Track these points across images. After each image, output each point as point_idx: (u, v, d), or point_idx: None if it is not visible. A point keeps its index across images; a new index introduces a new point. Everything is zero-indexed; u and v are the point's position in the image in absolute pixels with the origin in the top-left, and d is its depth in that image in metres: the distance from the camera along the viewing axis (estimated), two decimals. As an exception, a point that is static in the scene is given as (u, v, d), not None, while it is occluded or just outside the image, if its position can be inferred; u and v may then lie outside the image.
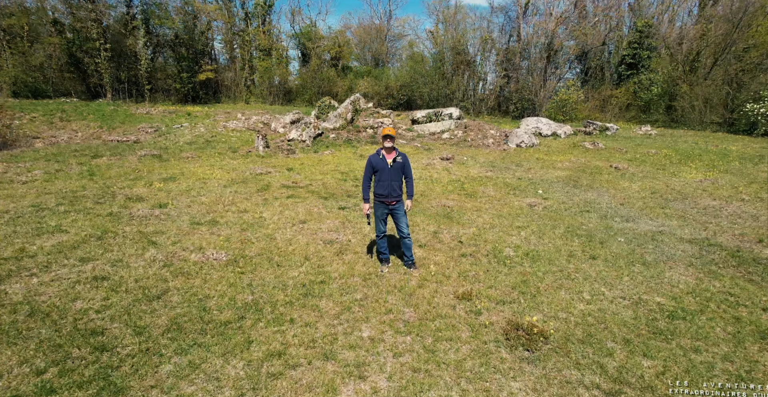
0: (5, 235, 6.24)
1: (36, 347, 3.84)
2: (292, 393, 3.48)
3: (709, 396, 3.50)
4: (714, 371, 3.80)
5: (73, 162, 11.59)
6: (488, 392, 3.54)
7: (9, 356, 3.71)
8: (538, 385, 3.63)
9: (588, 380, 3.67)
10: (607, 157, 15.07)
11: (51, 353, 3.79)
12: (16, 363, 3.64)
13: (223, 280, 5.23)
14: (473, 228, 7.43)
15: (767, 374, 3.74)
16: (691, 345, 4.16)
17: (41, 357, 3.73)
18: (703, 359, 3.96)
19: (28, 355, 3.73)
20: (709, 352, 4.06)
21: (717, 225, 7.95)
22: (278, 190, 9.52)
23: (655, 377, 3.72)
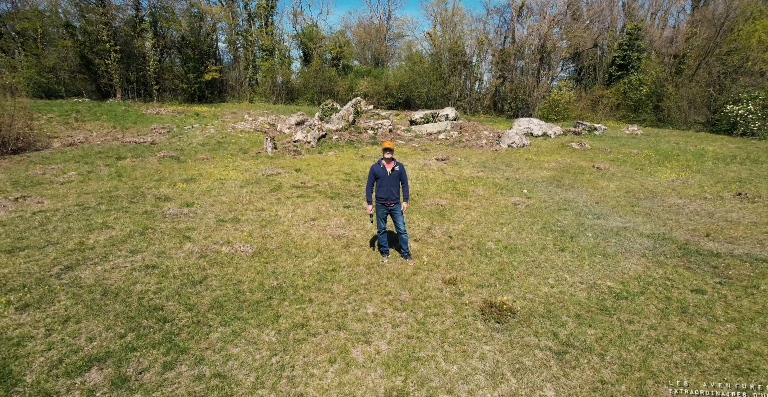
0: (64, 230, 7.28)
1: (114, 318, 4.89)
2: (314, 353, 4.53)
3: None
4: (640, 336, 4.85)
5: (100, 163, 12.59)
6: (465, 352, 4.59)
7: (96, 324, 4.76)
8: (503, 348, 4.68)
9: (543, 344, 4.73)
10: (591, 158, 16.09)
11: (127, 322, 4.84)
12: (103, 329, 4.69)
13: (251, 268, 6.27)
14: (462, 225, 8.47)
15: (680, 338, 4.80)
16: (627, 318, 5.22)
17: (120, 325, 4.78)
18: (634, 328, 5.01)
19: (110, 323, 4.78)
20: (640, 323, 5.11)
21: (676, 221, 8.99)
22: (289, 190, 10.54)
23: (595, 341, 4.77)
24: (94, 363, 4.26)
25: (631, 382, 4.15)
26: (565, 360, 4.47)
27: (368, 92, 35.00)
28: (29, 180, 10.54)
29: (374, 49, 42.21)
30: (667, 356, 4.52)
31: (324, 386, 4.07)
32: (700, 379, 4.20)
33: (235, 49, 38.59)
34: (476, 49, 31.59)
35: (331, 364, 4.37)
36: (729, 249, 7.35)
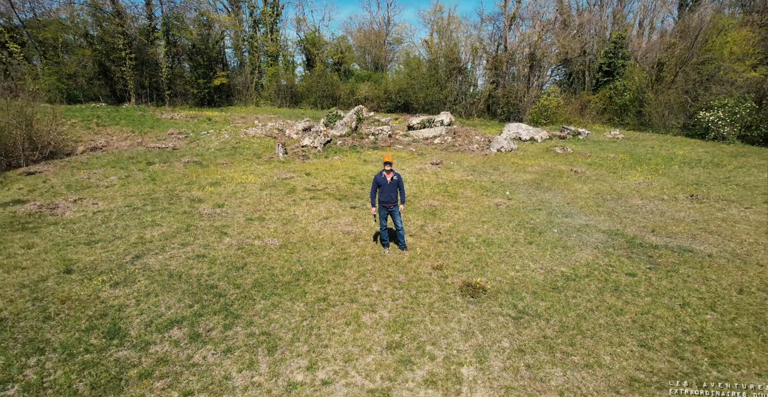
0: (123, 227, 8.78)
1: (182, 294, 6.41)
2: (334, 319, 6.05)
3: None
4: (579, 307, 6.37)
5: (133, 168, 14.08)
6: (446, 318, 6.11)
7: (169, 297, 6.28)
8: (475, 314, 6.20)
9: (504, 312, 6.25)
10: (571, 162, 17.60)
11: (191, 297, 6.36)
12: (175, 301, 6.21)
13: (280, 257, 7.79)
14: (450, 222, 9.99)
15: (607, 308, 6.32)
16: (572, 294, 6.74)
17: (187, 299, 6.30)
18: (575, 301, 6.54)
19: (179, 297, 6.31)
20: (581, 297, 6.64)
21: (631, 220, 10.51)
22: (302, 193, 12.04)
23: (544, 310, 6.30)
24: (174, 324, 5.78)
25: (566, 337, 5.68)
26: (519, 323, 6.01)
27: (368, 96, 36.44)
28: (79, 184, 12.02)
29: (374, 54, 43.60)
30: (595, 320, 6.06)
31: (342, 341, 5.59)
32: (618, 337, 5.73)
33: (242, 55, 39.95)
34: (471, 56, 33.01)
35: (347, 325, 5.90)
36: (666, 242, 8.88)
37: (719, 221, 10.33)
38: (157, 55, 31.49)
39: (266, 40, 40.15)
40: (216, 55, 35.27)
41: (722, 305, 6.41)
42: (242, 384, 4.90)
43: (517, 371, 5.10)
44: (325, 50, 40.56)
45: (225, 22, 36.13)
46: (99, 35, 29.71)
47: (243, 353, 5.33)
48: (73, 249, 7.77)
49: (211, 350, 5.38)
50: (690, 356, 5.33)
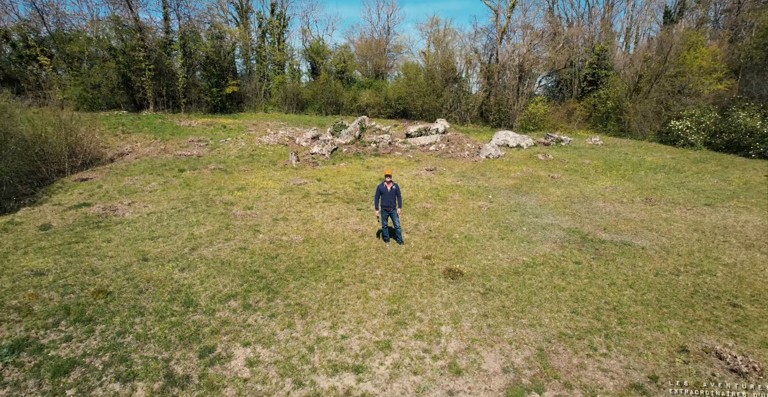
0: (176, 226, 10.73)
1: (233, 276, 8.37)
2: (348, 294, 8.01)
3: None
4: (532, 286, 8.34)
5: (168, 175, 16.03)
6: (432, 293, 8.07)
7: (223, 279, 8.25)
8: (453, 291, 8.16)
9: (475, 289, 8.22)
10: (550, 168, 19.54)
11: (240, 278, 8.32)
12: (228, 281, 8.18)
13: (304, 249, 9.75)
14: (439, 222, 11.95)
15: (553, 287, 8.29)
16: (528, 277, 8.70)
17: (237, 280, 8.26)
18: (530, 282, 8.50)
19: (231, 278, 8.27)
20: (535, 279, 8.60)
21: (590, 220, 12.47)
22: (316, 197, 14.00)
23: (505, 288, 8.25)
24: (231, 297, 7.75)
25: (519, 306, 7.65)
26: (486, 297, 7.98)
27: (370, 103, 38.36)
28: (127, 189, 13.98)
29: (375, 62, 45.47)
30: (542, 295, 8.03)
31: (355, 309, 7.56)
32: (557, 306, 7.68)
33: (250, 64, 41.85)
34: (465, 66, 34.91)
35: (358, 299, 7.87)
36: (612, 238, 10.85)
37: (661, 220, 12.29)
38: (174, 66, 33.39)
39: (273, 50, 42.06)
40: (227, 65, 37.16)
41: (639, 284, 8.39)
42: (284, 338, 6.87)
43: (480, 328, 7.07)
44: (329, 59, 42.46)
45: (235, 34, 38.02)
46: (121, 48, 31.61)
47: (283, 317, 7.30)
48: (142, 243, 9.73)
49: (259, 315, 7.35)
50: (605, 318, 7.30)
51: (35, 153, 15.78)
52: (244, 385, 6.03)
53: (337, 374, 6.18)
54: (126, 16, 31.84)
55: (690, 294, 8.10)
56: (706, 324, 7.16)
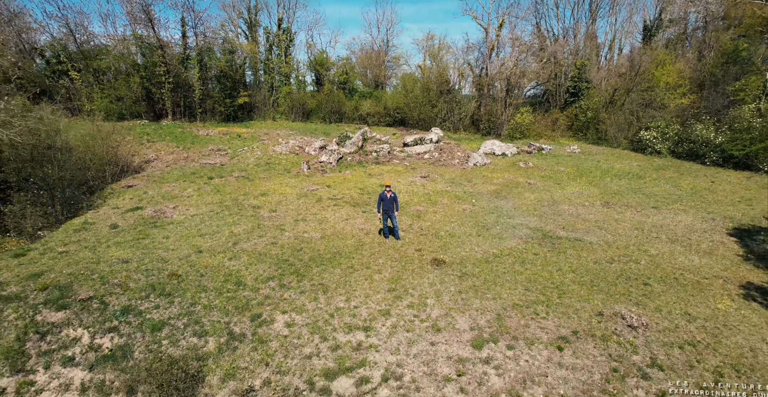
0: (217, 226, 13.10)
1: (269, 264, 10.73)
2: (358, 277, 10.38)
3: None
4: (498, 272, 10.71)
5: (200, 182, 18.37)
6: (421, 276, 10.44)
7: (262, 266, 10.61)
8: (437, 275, 10.53)
9: (454, 273, 10.59)
10: (528, 175, 21.92)
11: (275, 266, 10.69)
12: (266, 268, 10.54)
13: (322, 244, 12.12)
14: (429, 222, 14.32)
15: (514, 272, 10.66)
16: (496, 265, 11.07)
17: (273, 267, 10.63)
18: (497, 268, 10.87)
19: (268, 266, 10.64)
20: (500, 266, 10.96)
21: (553, 220, 14.84)
22: (327, 201, 16.35)
23: (478, 273, 10.63)
24: (270, 279, 10.11)
25: (486, 286, 10.02)
26: (462, 279, 10.35)
27: (370, 112, 40.72)
28: (169, 195, 16.33)
29: (374, 73, 47.81)
30: (504, 277, 10.41)
31: (363, 287, 9.93)
32: (514, 285, 10.05)
33: (259, 75, 44.17)
34: (458, 79, 37.28)
35: (365, 280, 10.23)
36: (568, 235, 13.23)
37: (612, 220, 14.69)
38: (191, 79, 35.72)
39: (280, 62, 44.37)
40: (239, 78, 39.49)
41: (579, 270, 10.78)
42: (311, 308, 9.24)
43: (456, 300, 9.45)
44: (332, 71, 44.80)
45: (246, 49, 40.36)
46: (143, 64, 33.94)
47: (310, 294, 9.67)
48: (193, 239, 12.10)
49: (292, 292, 9.72)
50: (549, 293, 9.69)
51: (83, 162, 18.10)
52: (285, 340, 8.41)
53: (351, 332, 8.55)
54: (148, 34, 34.20)
55: (616, 277, 10.49)
56: (621, 297, 9.55)
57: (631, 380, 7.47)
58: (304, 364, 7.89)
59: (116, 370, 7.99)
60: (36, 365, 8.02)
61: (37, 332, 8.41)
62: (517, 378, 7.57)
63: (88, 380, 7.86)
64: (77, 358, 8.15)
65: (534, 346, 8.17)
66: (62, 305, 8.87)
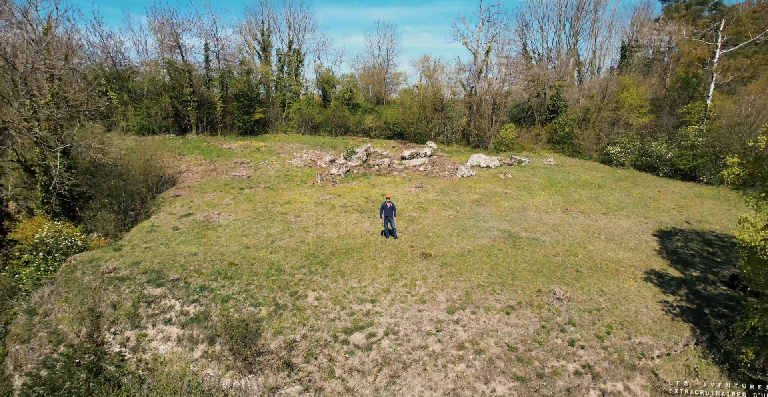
0: (255, 228, 16.43)
1: (300, 256, 14.07)
2: (366, 265, 13.71)
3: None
4: (470, 261, 14.03)
5: (234, 192, 21.70)
6: (412, 265, 13.77)
7: (295, 258, 13.95)
8: (424, 264, 13.86)
9: (438, 263, 13.92)
10: (506, 185, 25.25)
11: (304, 258, 14.02)
12: (298, 259, 13.88)
13: (338, 242, 15.44)
14: (420, 225, 17.64)
15: (482, 262, 13.99)
16: (469, 257, 14.40)
17: (303, 258, 13.96)
18: (469, 259, 14.19)
19: (300, 257, 13.98)
20: (472, 258, 14.29)
21: (519, 224, 18.15)
22: (339, 208, 19.68)
23: (455, 262, 13.95)
24: (302, 267, 13.45)
25: (460, 272, 13.35)
26: (443, 267, 13.69)
27: (372, 126, 44.12)
28: (211, 203, 19.67)
29: (376, 89, 51.29)
30: (474, 266, 13.73)
31: (370, 273, 13.26)
32: (481, 272, 13.37)
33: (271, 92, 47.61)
34: (451, 97, 40.70)
35: (372, 268, 13.57)
36: (528, 235, 16.55)
37: (567, 224, 18.02)
38: (214, 98, 39.18)
39: (291, 80, 47.83)
40: (255, 96, 42.93)
41: (531, 261, 14.10)
42: (333, 287, 12.57)
43: (437, 282, 12.78)
44: (338, 88, 48.27)
45: (261, 70, 43.86)
46: (172, 85, 37.41)
47: (332, 277, 12.99)
48: (239, 238, 15.43)
49: (319, 276, 13.05)
50: (505, 277, 13.01)
51: (140, 176, 21.46)
52: (315, 308, 11.74)
53: (362, 303, 11.88)
54: (176, 59, 37.70)
55: (557, 266, 13.82)
56: (556, 280, 12.89)
57: (553, 333, 10.81)
58: (330, 324, 11.22)
59: (200, 328, 11.34)
60: (146, 323, 11.39)
61: (145, 301, 11.76)
62: (477, 332, 10.90)
63: (182, 334, 11.21)
64: (173, 319, 11.50)
65: (490, 312, 11.50)
66: (159, 283, 12.22)
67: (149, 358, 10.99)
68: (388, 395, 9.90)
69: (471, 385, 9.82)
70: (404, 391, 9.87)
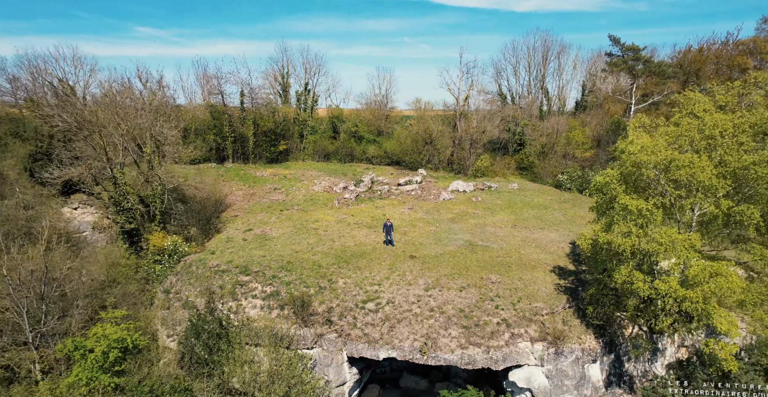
0: (300, 238, 22.95)
1: (332, 257, 20.60)
2: (374, 264, 20.22)
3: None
4: (441, 260, 20.54)
5: (277, 213, 28.22)
6: (404, 263, 20.28)
7: (328, 258, 20.48)
8: (411, 263, 20.37)
9: (420, 262, 20.43)
10: (475, 206, 31.80)
11: (334, 258, 20.55)
12: (330, 259, 20.41)
13: (355, 248, 21.95)
14: (410, 237, 24.16)
15: (450, 263, 20.50)
16: (441, 258, 20.88)
17: (334, 258, 20.50)
18: (441, 259, 20.68)
19: (332, 258, 20.51)
20: (443, 259, 20.78)
21: (479, 236, 24.66)
22: (353, 225, 26.18)
23: (431, 261, 20.46)
24: (333, 264, 19.98)
25: (433, 267, 19.87)
26: (423, 265, 20.21)
27: (374, 155, 50.98)
28: (262, 221, 26.20)
29: (377, 124, 58.32)
30: (443, 264, 20.25)
31: (377, 268, 19.79)
32: (447, 266, 19.87)
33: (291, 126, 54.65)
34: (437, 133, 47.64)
35: (377, 265, 20.10)
36: (483, 244, 23.07)
37: (512, 237, 24.54)
38: (247, 133, 46.12)
39: (307, 116, 54.89)
40: (280, 132, 49.91)
41: (480, 260, 20.61)
42: (353, 276, 19.11)
43: (419, 273, 19.30)
44: (346, 123, 55.29)
45: (282, 110, 50.96)
46: (214, 123, 44.38)
47: (353, 270, 19.52)
48: (289, 246, 21.94)
49: (344, 269, 19.58)
50: (462, 270, 19.54)
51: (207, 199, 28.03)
52: (343, 289, 18.29)
53: (372, 286, 18.43)
54: (217, 103, 44.74)
55: (497, 263, 20.32)
56: (494, 272, 19.40)
57: (487, 302, 17.31)
58: (352, 298, 17.72)
59: (274, 300, 17.84)
60: (241, 297, 17.91)
61: (239, 284, 18.27)
62: (441, 302, 17.40)
63: (263, 304, 17.71)
64: (257, 295, 18.00)
65: (450, 290, 18.00)
66: (246, 273, 18.73)
67: (244, 318, 17.42)
68: (388, 337, 16.36)
69: (437, 331, 16.29)
70: (397, 335, 16.34)
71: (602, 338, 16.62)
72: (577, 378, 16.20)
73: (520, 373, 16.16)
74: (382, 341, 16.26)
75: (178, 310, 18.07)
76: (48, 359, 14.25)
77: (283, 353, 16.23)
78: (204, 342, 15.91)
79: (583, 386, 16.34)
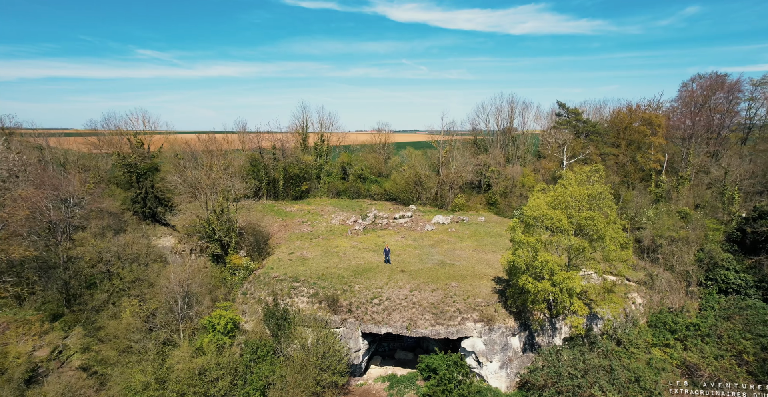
0: (327, 259, 31.68)
1: (350, 271, 29.27)
2: (378, 275, 28.89)
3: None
4: (422, 272, 29.17)
5: (308, 241, 36.95)
6: (397, 275, 28.94)
7: (350, 271, 29.19)
8: (402, 275, 29.03)
9: (408, 274, 29.10)
10: (449, 235, 40.55)
11: (352, 271, 29.25)
12: (349, 272, 29.08)
13: (364, 265, 30.63)
14: (401, 257, 32.84)
15: (428, 274, 29.16)
16: (421, 272, 29.55)
17: (351, 272, 29.17)
18: (421, 272, 29.34)
19: (350, 272, 29.18)
20: (425, 271, 29.45)
21: (448, 257, 33.33)
22: (363, 249, 34.87)
23: (416, 272, 29.11)
24: (351, 275, 28.68)
25: (417, 277, 28.56)
26: (410, 276, 28.89)
27: (376, 192, 60.28)
28: (300, 247, 34.89)
29: (378, 168, 68.06)
30: (423, 274, 28.93)
31: (380, 278, 28.49)
32: (426, 276, 28.53)
33: (310, 169, 64.25)
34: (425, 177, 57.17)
35: (379, 276, 28.79)
36: (451, 261, 31.75)
37: (471, 257, 33.25)
38: (278, 176, 55.55)
39: (322, 162, 64.64)
40: (303, 175, 59.45)
41: (448, 273, 29.28)
42: (364, 283, 27.83)
43: (407, 281, 27.97)
44: (353, 167, 64.98)
45: (304, 159, 60.78)
46: (254, 170, 53.90)
47: (363, 280, 28.19)
48: (321, 264, 30.59)
49: (358, 279, 28.25)
50: (435, 279, 28.23)
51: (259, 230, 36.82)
52: (359, 290, 27.03)
53: (377, 289, 27.16)
54: (258, 155, 54.50)
55: (458, 275, 28.96)
56: (456, 280, 28.07)
57: (449, 298, 25.96)
58: (364, 296, 26.40)
59: (315, 298, 26.54)
60: (294, 296, 26.64)
61: (292, 288, 26.94)
62: (419, 298, 26.07)
63: (308, 300, 26.37)
64: (304, 294, 26.67)
65: (426, 291, 26.64)
66: (296, 281, 27.42)
67: (296, 309, 25.90)
68: (387, 320, 24.89)
69: (417, 316, 24.86)
70: (393, 318, 24.88)
71: (519, 320, 25.06)
72: (503, 345, 24.52)
73: (467, 342, 24.49)
74: (383, 322, 24.68)
75: (253, 305, 26.53)
76: (188, 329, 22.66)
77: (321, 331, 24.59)
78: (275, 323, 24.33)
79: (507, 350, 24.64)
